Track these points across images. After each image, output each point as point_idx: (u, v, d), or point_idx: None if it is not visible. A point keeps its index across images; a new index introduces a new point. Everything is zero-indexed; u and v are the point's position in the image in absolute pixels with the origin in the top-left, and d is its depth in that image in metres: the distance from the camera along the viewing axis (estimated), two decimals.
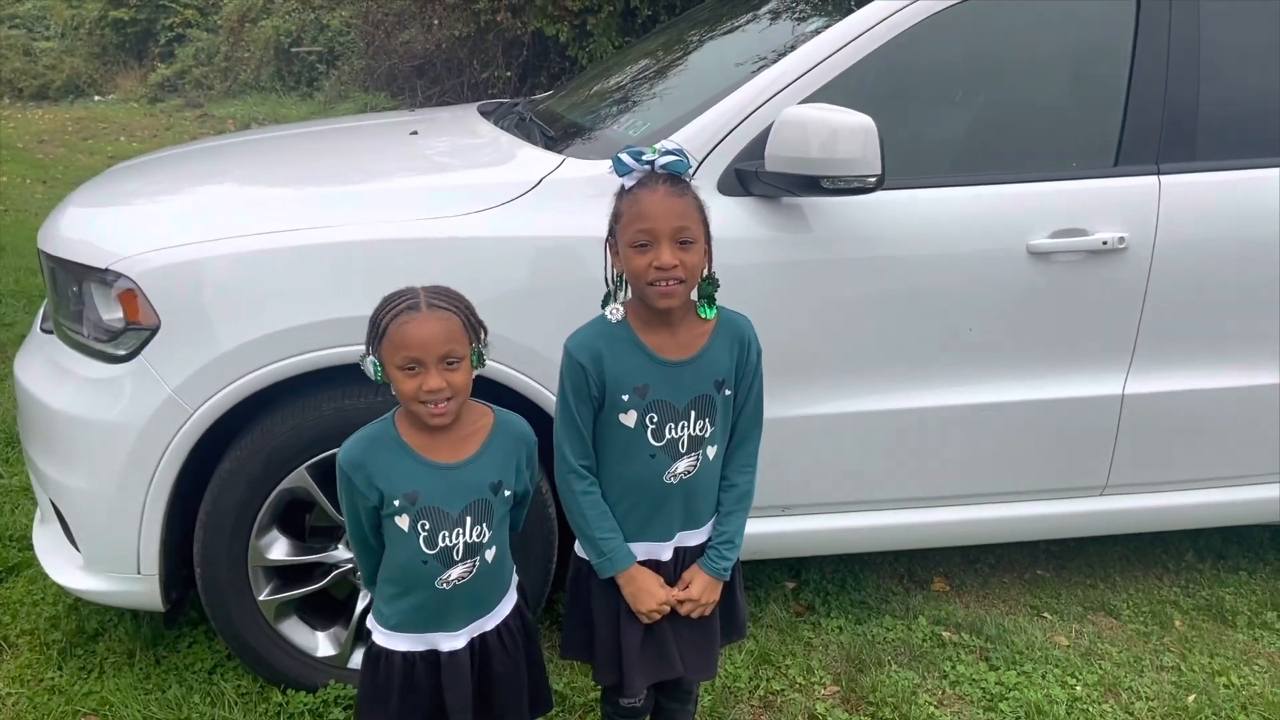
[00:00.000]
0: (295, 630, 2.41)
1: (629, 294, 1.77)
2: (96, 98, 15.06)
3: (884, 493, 2.57)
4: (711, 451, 1.80)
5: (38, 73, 15.57)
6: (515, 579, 1.88)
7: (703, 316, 1.77)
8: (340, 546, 2.38)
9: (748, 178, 2.31)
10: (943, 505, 2.61)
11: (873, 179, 2.17)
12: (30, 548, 2.76)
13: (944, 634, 2.72)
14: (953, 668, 2.58)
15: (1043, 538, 2.82)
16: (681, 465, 1.78)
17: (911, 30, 2.40)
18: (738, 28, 3.10)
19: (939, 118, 2.55)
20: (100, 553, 2.30)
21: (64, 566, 2.39)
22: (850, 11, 2.48)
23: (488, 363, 2.05)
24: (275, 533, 2.34)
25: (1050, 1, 2.52)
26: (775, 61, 2.46)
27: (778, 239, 2.34)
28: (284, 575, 2.39)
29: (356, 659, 2.42)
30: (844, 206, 2.35)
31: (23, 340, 2.69)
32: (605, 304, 1.79)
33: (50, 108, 14.47)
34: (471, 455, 1.70)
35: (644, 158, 1.68)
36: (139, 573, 2.27)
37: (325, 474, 2.28)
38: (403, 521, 1.67)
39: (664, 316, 1.74)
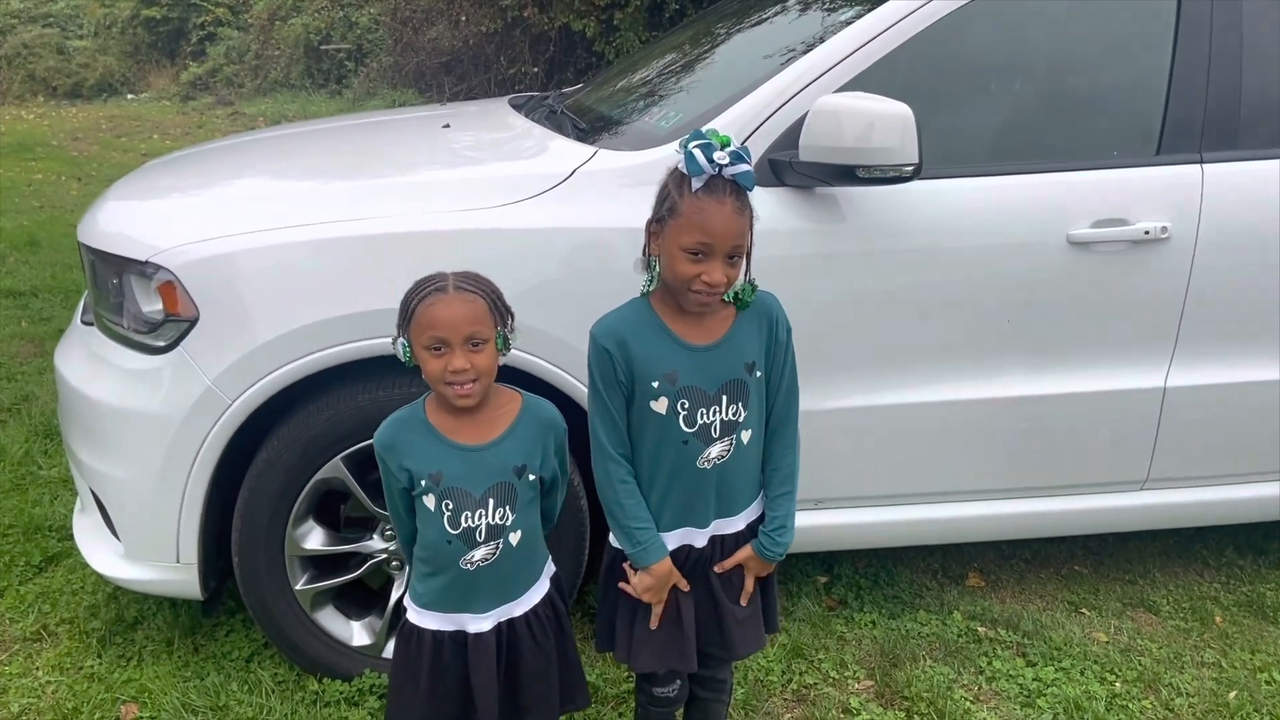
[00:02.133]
0: (331, 619, 2.43)
1: (656, 281, 1.75)
2: (129, 96, 15.24)
3: (918, 486, 2.55)
4: (746, 435, 1.78)
5: (71, 71, 15.79)
6: (550, 569, 1.88)
7: (726, 300, 1.75)
8: (375, 537, 2.39)
9: (782, 168, 2.29)
10: (979, 499, 2.58)
11: (910, 168, 2.14)
12: (69, 538, 2.80)
13: (979, 629, 2.69)
14: (989, 663, 2.55)
15: (1081, 533, 2.79)
16: (715, 450, 1.76)
17: (949, 18, 2.37)
18: (766, 20, 3.08)
19: (977, 106, 2.52)
20: (140, 542, 2.32)
21: (104, 555, 2.42)
22: (881, 1, 2.45)
23: (524, 355, 2.07)
24: (311, 523, 2.36)
25: None
26: (807, 52, 2.44)
27: (812, 230, 2.32)
28: (320, 565, 2.41)
29: (391, 649, 2.43)
30: (879, 197, 2.33)
31: (61, 334, 2.73)
32: (636, 266, 1.79)
33: (84, 106, 14.66)
34: (496, 438, 1.72)
35: (715, 156, 1.63)
36: (178, 561, 2.30)
37: (360, 464, 2.30)
38: (429, 501, 1.70)
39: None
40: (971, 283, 2.39)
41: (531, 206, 2.25)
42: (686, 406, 1.73)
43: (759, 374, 1.77)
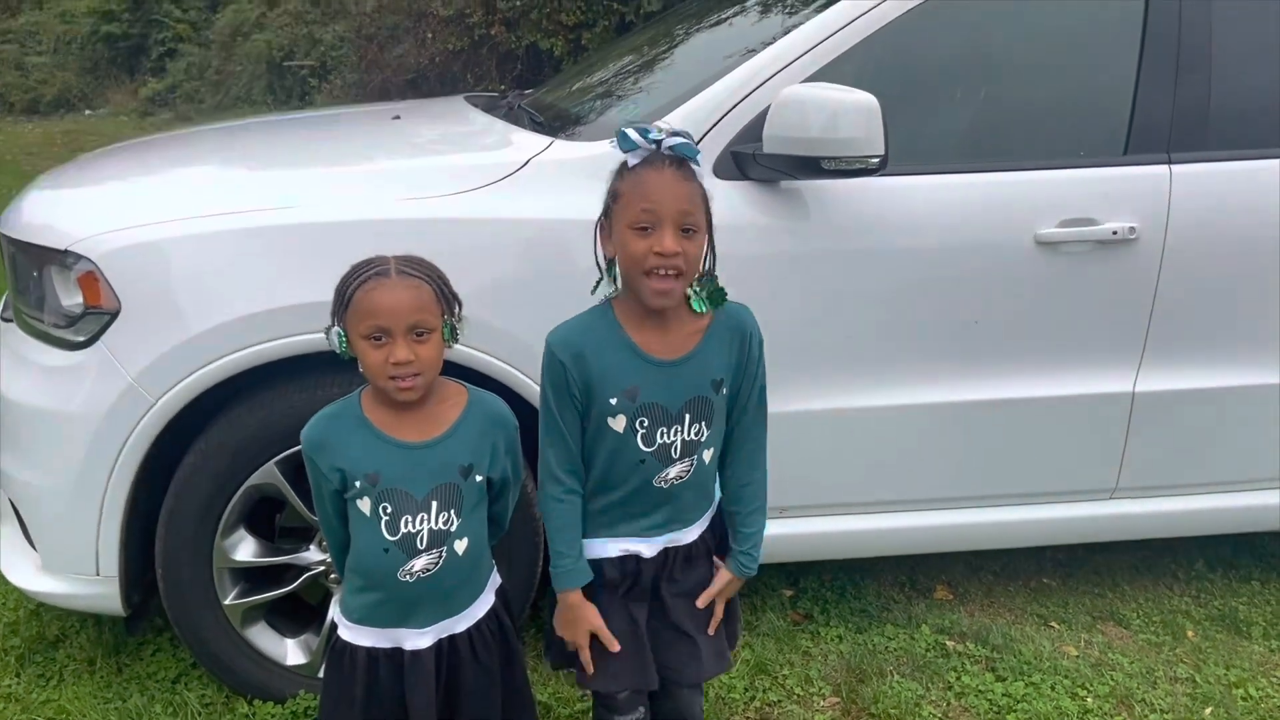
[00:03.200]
0: (263, 637, 2.28)
1: (619, 285, 1.62)
2: (87, 111, 15.00)
3: (884, 494, 2.46)
4: (708, 455, 1.67)
5: (29, 87, 15.51)
6: (495, 580, 1.76)
7: (696, 311, 1.62)
8: (312, 547, 2.25)
9: (745, 160, 2.21)
10: (945, 508, 2.49)
11: (876, 160, 2.07)
12: None
13: (948, 643, 2.60)
14: (958, 678, 2.45)
15: (1049, 543, 2.72)
16: (674, 471, 1.64)
17: (916, 11, 2.31)
18: (725, 21, 3.02)
19: (944, 102, 2.45)
20: (57, 552, 2.17)
21: (21, 567, 2.26)
22: None
23: (471, 350, 1.94)
24: (242, 532, 2.22)
25: None
26: (771, 45, 2.37)
27: (776, 226, 2.23)
28: (251, 578, 2.26)
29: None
30: (845, 193, 2.25)
31: None
32: (594, 290, 1.65)
33: (40, 121, 14.40)
34: (440, 435, 1.59)
35: (650, 135, 1.54)
36: (98, 574, 2.15)
37: (296, 469, 2.15)
38: (364, 505, 1.56)
39: (658, 312, 1.60)
40: (937, 282, 2.31)
41: (483, 195, 2.15)
42: (646, 425, 1.61)
43: (724, 391, 1.65)
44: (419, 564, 1.59)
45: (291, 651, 2.29)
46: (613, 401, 1.59)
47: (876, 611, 2.72)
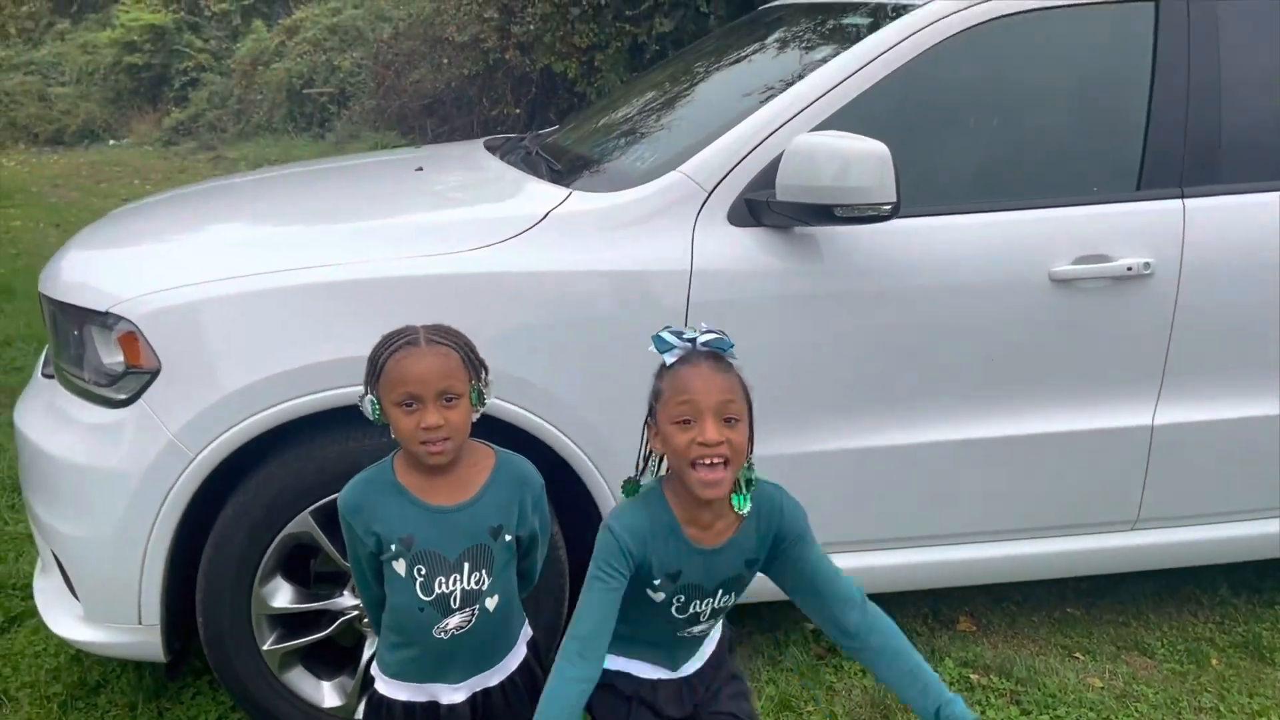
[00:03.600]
0: (300, 680, 2.33)
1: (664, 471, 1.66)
2: (111, 142, 15.23)
3: (905, 530, 2.49)
4: (726, 603, 1.72)
5: (53, 118, 15.77)
6: (527, 633, 1.80)
7: (737, 510, 1.62)
8: (346, 593, 2.31)
9: (759, 208, 2.26)
10: (967, 542, 2.52)
11: (888, 207, 2.11)
12: (32, 596, 2.70)
13: (972, 676, 2.62)
14: (983, 712, 2.48)
15: (1072, 574, 2.73)
16: (699, 628, 1.71)
17: (925, 55, 2.36)
18: (744, 59, 3.07)
19: (955, 144, 2.49)
20: (101, 603, 2.24)
21: (64, 618, 2.32)
22: (859, 39, 2.43)
23: (498, 402, 1.99)
24: (279, 580, 2.28)
25: (1066, 23, 2.47)
26: (784, 90, 2.42)
27: (790, 270, 2.28)
28: (288, 623, 2.32)
29: (362, 712, 2.35)
30: (858, 236, 2.29)
31: None
32: (626, 490, 1.66)
33: (65, 152, 14.63)
34: (470, 498, 1.64)
35: (685, 335, 1.59)
36: (140, 623, 2.21)
37: (329, 518, 2.21)
38: (400, 566, 1.62)
39: (705, 502, 1.60)
40: (953, 321, 2.35)
41: (504, 250, 2.21)
42: (682, 600, 1.66)
43: (757, 567, 1.70)
44: (453, 622, 1.64)
45: (328, 694, 2.34)
46: (656, 581, 1.64)
47: None
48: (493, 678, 1.72)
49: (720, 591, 1.67)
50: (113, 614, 2.22)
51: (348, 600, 2.30)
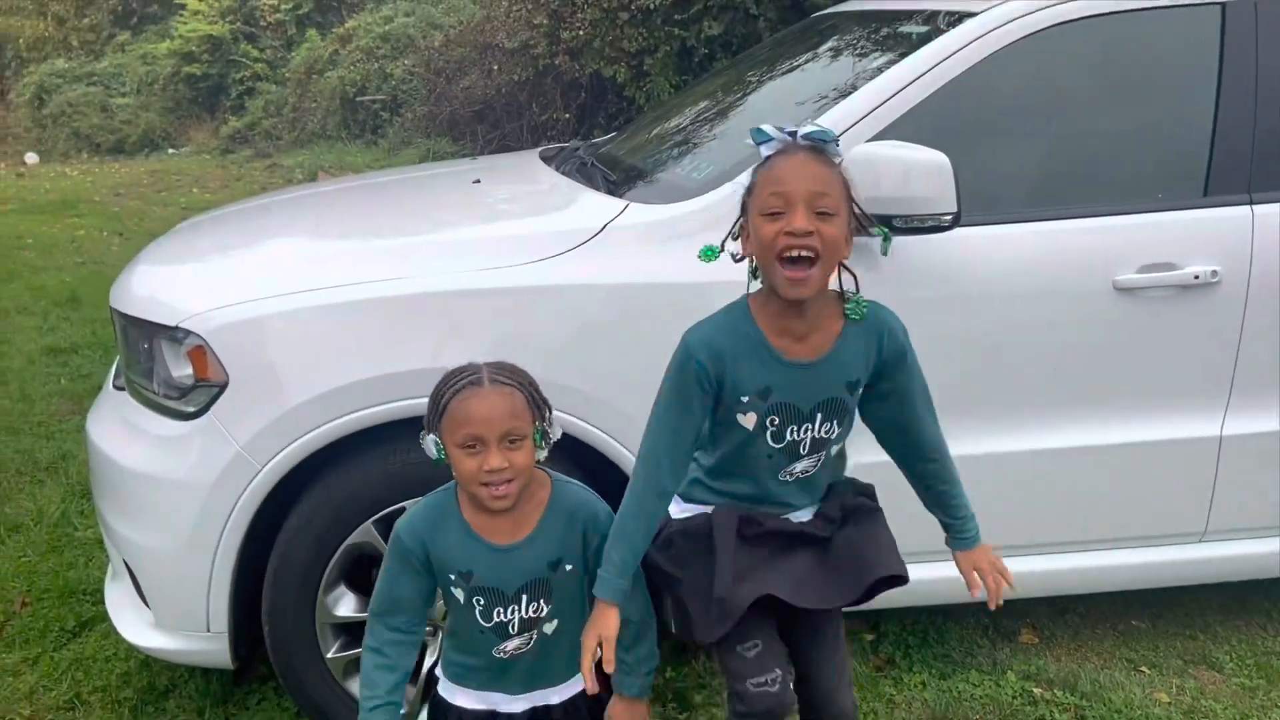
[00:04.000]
0: None
1: (758, 281, 1.59)
2: (170, 151, 15.59)
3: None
4: (835, 449, 1.67)
5: (114, 128, 16.20)
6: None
7: (851, 316, 1.58)
8: None
9: None
10: (1029, 554, 2.48)
11: (948, 217, 2.10)
12: (104, 602, 2.77)
13: (1035, 690, 2.58)
14: None
15: (1138, 587, 2.67)
16: (800, 465, 1.64)
17: (985, 62, 2.34)
18: (797, 67, 3.06)
19: (1017, 151, 2.46)
20: (170, 610, 2.29)
21: (135, 624, 2.39)
22: (914, 48, 2.41)
23: (558, 414, 2.00)
24: (343, 589, 2.32)
25: (1130, 28, 2.43)
26: (840, 99, 2.40)
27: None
28: (351, 632, 2.35)
29: (424, 718, 2.38)
30: (918, 245, 2.27)
31: (100, 392, 2.73)
32: (702, 254, 1.60)
33: (126, 161, 15.01)
34: (528, 535, 1.64)
35: (786, 129, 1.53)
36: (208, 630, 2.26)
37: (390, 528, 2.25)
38: (459, 594, 1.64)
39: (796, 309, 1.55)
40: (1014, 332, 2.32)
41: (563, 263, 2.22)
42: (776, 423, 1.59)
43: (859, 391, 1.64)
44: (511, 645, 1.66)
45: None
46: (744, 399, 1.58)
47: (960, 657, 2.71)
48: (553, 695, 1.73)
49: (819, 417, 1.59)
50: (182, 621, 2.28)
51: None
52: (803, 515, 1.73)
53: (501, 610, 1.63)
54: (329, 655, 2.30)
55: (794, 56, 3.13)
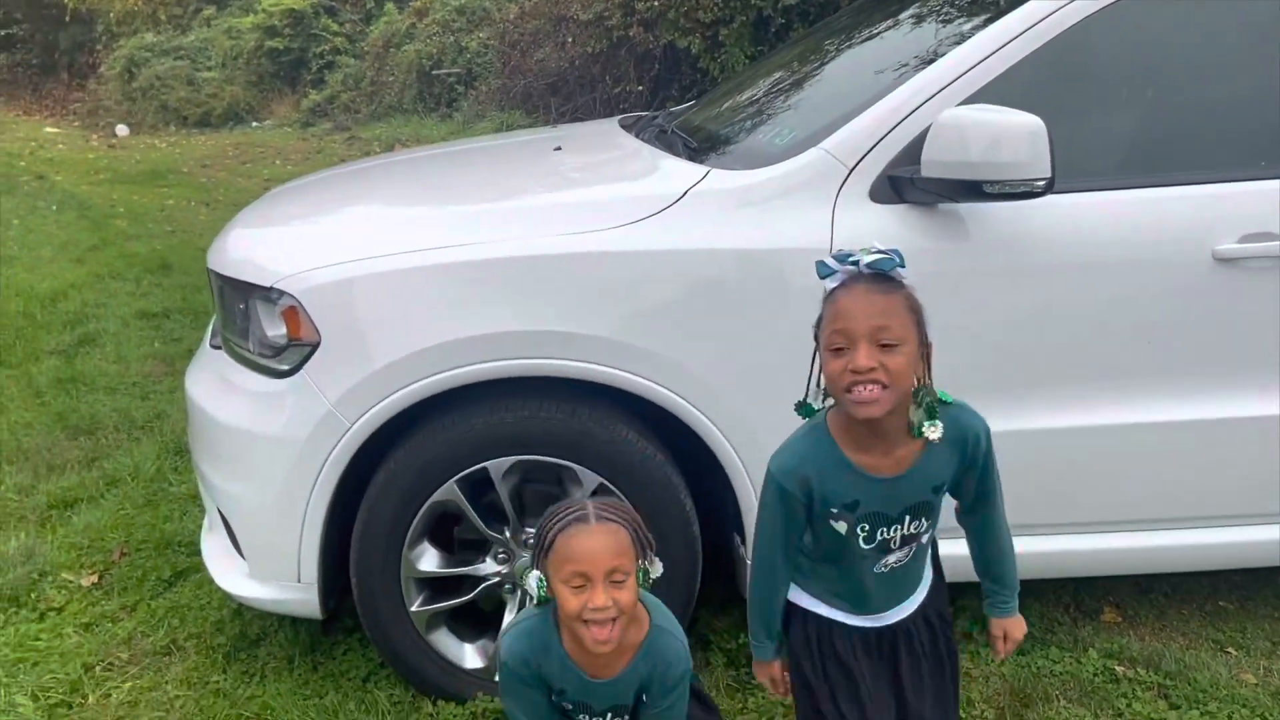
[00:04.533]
0: (445, 641, 2.44)
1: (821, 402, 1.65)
2: (254, 124, 15.96)
3: (1050, 517, 2.42)
4: (925, 538, 1.70)
5: (200, 101, 16.64)
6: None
7: (920, 435, 1.57)
8: (488, 559, 2.39)
9: (902, 184, 2.21)
10: (1116, 530, 2.43)
11: (1041, 183, 2.04)
12: (197, 553, 2.88)
13: (1117, 668, 2.53)
14: (1128, 705, 2.40)
15: (1228, 567, 2.61)
16: (893, 558, 1.68)
17: (1080, 25, 2.26)
18: (878, 34, 3.00)
19: (1112, 117, 2.39)
20: (264, 561, 2.38)
21: (230, 574, 2.48)
22: (1005, 11, 2.35)
23: (638, 379, 2.04)
24: (426, 545, 2.38)
25: None
26: (922, 66, 2.36)
27: (933, 248, 2.23)
28: (434, 587, 2.42)
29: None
30: (1007, 212, 2.22)
31: (192, 354, 2.83)
32: (799, 411, 1.65)
33: (212, 134, 15.42)
34: (615, 675, 1.72)
35: (850, 258, 1.54)
36: (299, 581, 2.34)
37: (474, 487, 2.31)
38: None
39: (874, 429, 1.57)
40: (1109, 301, 2.26)
41: (645, 228, 2.23)
42: (867, 530, 1.64)
43: (944, 492, 1.68)
44: None
45: (470, 656, 2.44)
46: (834, 511, 1.62)
47: (1040, 633, 2.67)
48: None
49: (908, 519, 1.63)
50: (275, 571, 2.37)
51: (489, 567, 2.39)
52: (889, 618, 1.75)
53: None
54: (412, 608, 2.37)
55: (874, 24, 3.07)
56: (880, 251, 1.53)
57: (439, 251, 2.22)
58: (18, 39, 22.08)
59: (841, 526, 1.63)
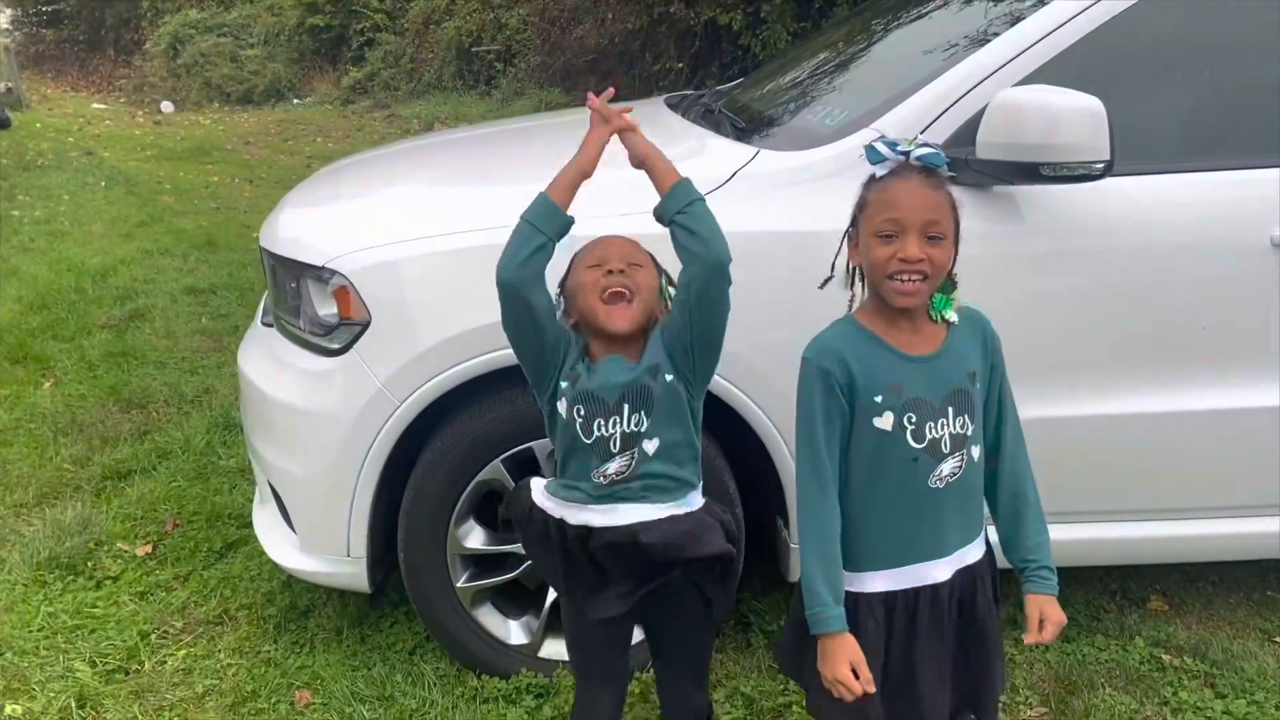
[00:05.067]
0: (490, 617, 2.47)
1: (865, 291, 1.66)
2: (295, 101, 16.09)
3: (1102, 504, 2.40)
4: (976, 452, 1.65)
5: (243, 78, 16.79)
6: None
7: (939, 311, 1.63)
8: None
9: (957, 166, 2.13)
10: (1167, 518, 2.41)
11: (1100, 166, 2.01)
12: (248, 525, 2.95)
13: (1164, 657, 2.51)
14: (1174, 694, 2.38)
15: (1278, 556, 2.57)
16: (947, 467, 1.62)
17: (1138, 6, 2.22)
18: (926, 14, 2.96)
19: (1171, 100, 2.34)
20: (314, 535, 2.42)
21: (281, 546, 2.53)
22: None
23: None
24: (472, 522, 2.41)
25: None
26: (975, 46, 2.32)
27: (987, 231, 2.19)
28: (480, 563, 2.45)
29: (547, 648, 2.47)
30: (1062, 195, 2.19)
31: (238, 330, 2.88)
32: (822, 285, 1.70)
33: (254, 110, 15.57)
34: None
35: (899, 147, 1.58)
36: (348, 555, 2.38)
37: (519, 466, 2.33)
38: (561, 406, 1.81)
39: (905, 314, 1.62)
40: (1164, 287, 2.23)
41: None
42: (914, 421, 1.60)
43: (979, 385, 1.65)
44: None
45: (515, 632, 2.47)
46: (878, 399, 1.60)
47: (1086, 621, 2.66)
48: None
49: (951, 411, 1.61)
50: (325, 545, 2.41)
51: None
52: (966, 557, 1.69)
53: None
54: (458, 584, 2.40)
55: (924, 3, 3.02)
56: (926, 145, 1.58)
57: (486, 233, 2.21)
58: (65, 15, 22.40)
59: (887, 421, 1.60)
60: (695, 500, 1.79)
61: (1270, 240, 2.20)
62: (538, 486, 1.83)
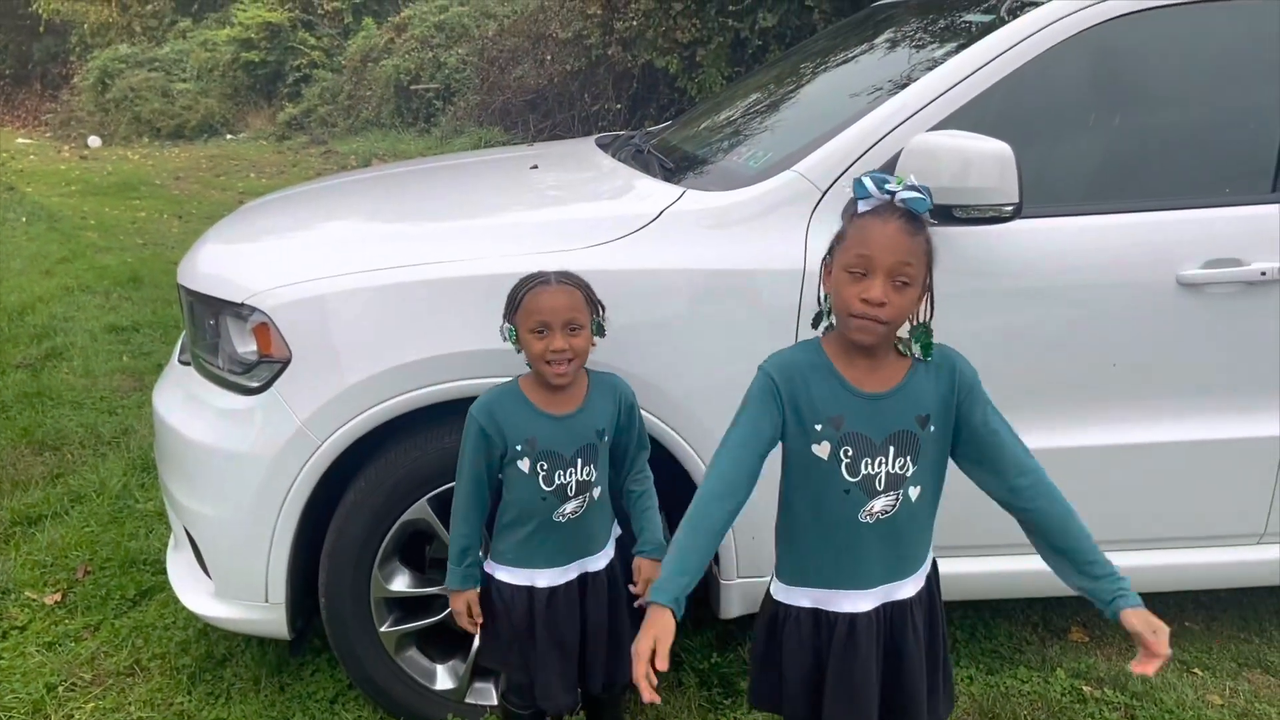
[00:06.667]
0: (415, 662, 2.42)
1: (834, 323, 1.68)
2: (229, 136, 15.89)
3: (1019, 536, 2.43)
4: (914, 492, 1.67)
5: (175, 113, 16.55)
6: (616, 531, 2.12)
7: (900, 353, 1.66)
8: None
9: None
10: None
11: (1009, 208, 2.08)
12: (164, 572, 2.85)
13: (1084, 688, 2.55)
14: None
15: (1194, 588, 2.64)
16: (879, 504, 1.65)
17: (1048, 54, 2.30)
18: (854, 58, 3.03)
19: (1079, 144, 2.43)
20: (231, 580, 2.35)
21: (196, 593, 2.45)
22: (974, 39, 2.39)
23: None
24: (397, 564, 2.36)
25: (1195, 20, 2.38)
26: (896, 90, 2.39)
27: None
28: (405, 607, 2.40)
29: (474, 694, 2.42)
30: (977, 236, 2.25)
31: (161, 369, 2.80)
32: (815, 324, 1.72)
33: (186, 146, 15.32)
34: (580, 406, 1.98)
35: (886, 186, 1.59)
36: (267, 601, 2.31)
37: (445, 506, 2.28)
38: (524, 465, 1.95)
39: (864, 349, 1.64)
40: (1074, 325, 2.29)
41: (619, 248, 2.24)
42: (850, 455, 1.63)
43: (933, 429, 1.66)
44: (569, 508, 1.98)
45: (441, 677, 2.42)
46: (818, 428, 1.63)
47: (1009, 653, 2.69)
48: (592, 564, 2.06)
49: (892, 451, 1.62)
50: (242, 591, 2.34)
51: None
52: (903, 590, 1.72)
53: (562, 473, 1.96)
54: (382, 629, 2.35)
55: (850, 48, 3.11)
56: (914, 189, 1.59)
57: (412, 269, 2.21)
58: None
59: (824, 450, 1.63)
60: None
61: (1176, 280, 2.28)
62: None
